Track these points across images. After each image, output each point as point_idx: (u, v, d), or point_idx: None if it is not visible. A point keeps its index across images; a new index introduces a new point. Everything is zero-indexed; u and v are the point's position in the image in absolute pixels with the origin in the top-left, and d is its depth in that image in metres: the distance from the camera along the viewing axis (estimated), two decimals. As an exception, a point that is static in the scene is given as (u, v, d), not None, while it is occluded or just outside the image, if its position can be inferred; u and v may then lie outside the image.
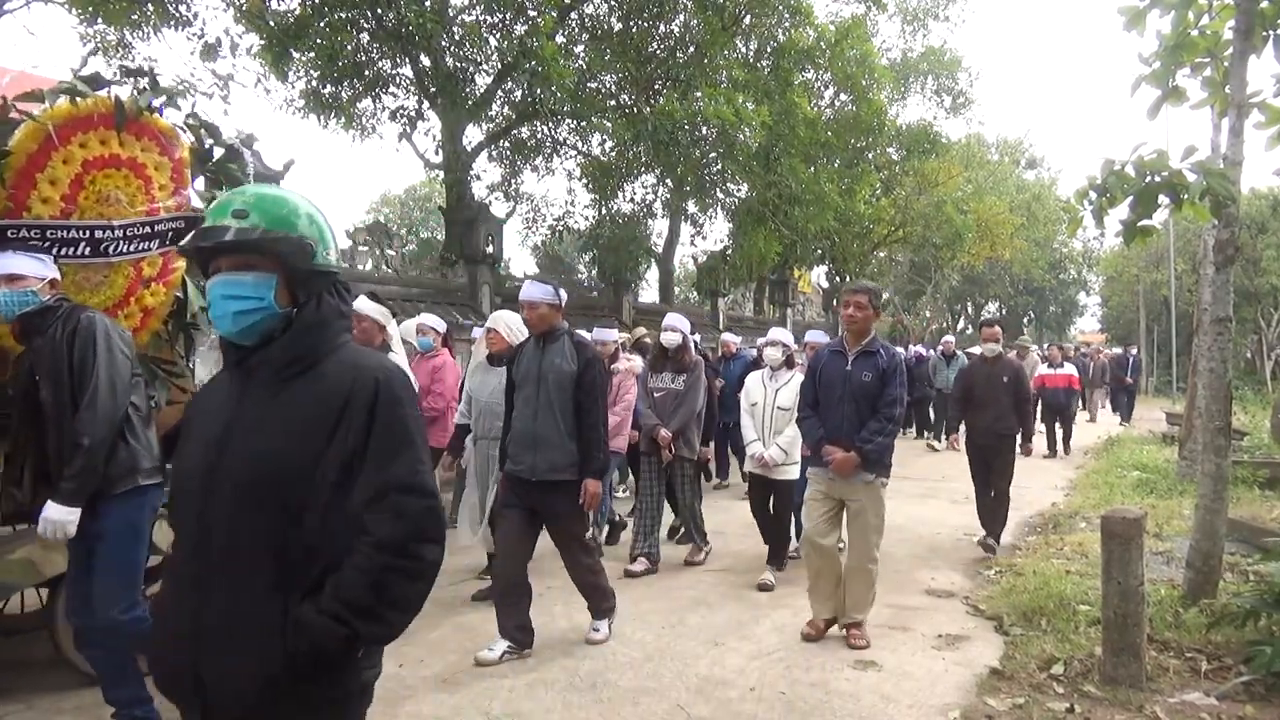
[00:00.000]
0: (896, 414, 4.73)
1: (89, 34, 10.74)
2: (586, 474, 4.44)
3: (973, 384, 7.21)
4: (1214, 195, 4.61)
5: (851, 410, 4.73)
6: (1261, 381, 28.26)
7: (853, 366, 4.78)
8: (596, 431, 4.46)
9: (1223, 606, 4.78)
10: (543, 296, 4.50)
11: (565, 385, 4.44)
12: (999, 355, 7.29)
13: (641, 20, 12.74)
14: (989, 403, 6.99)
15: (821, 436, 4.82)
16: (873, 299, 4.82)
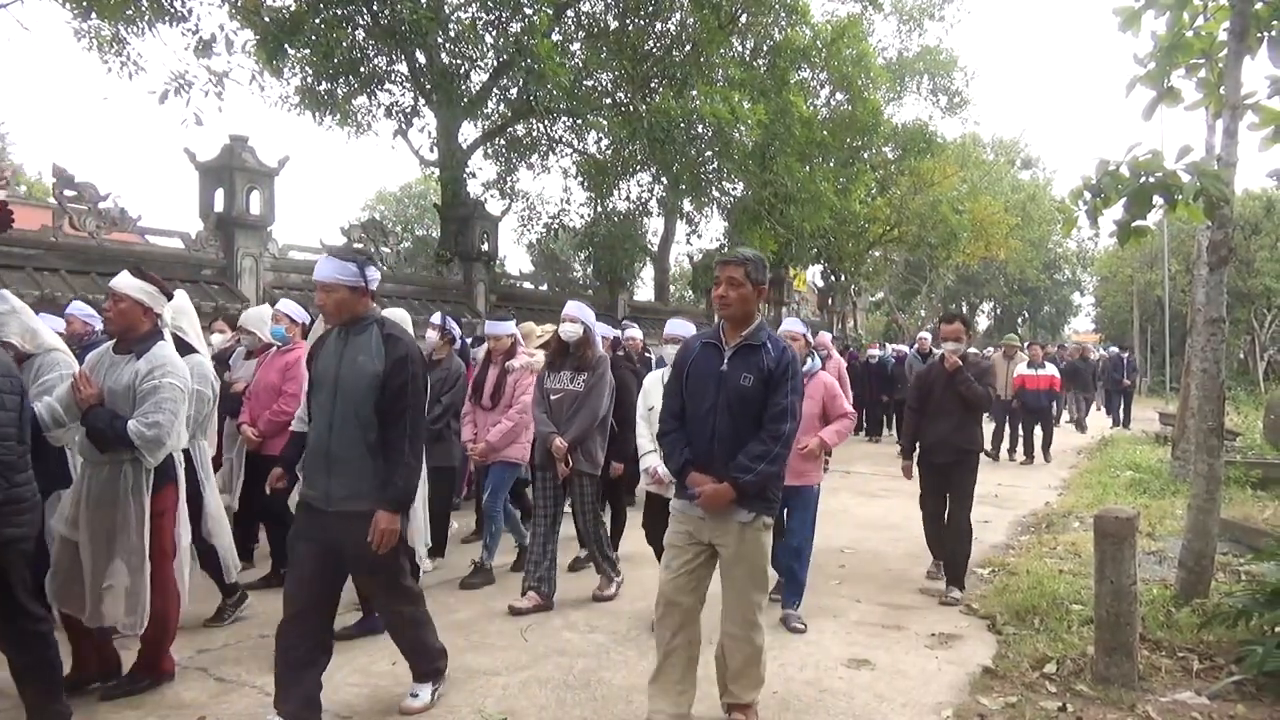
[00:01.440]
0: (785, 431, 3.53)
1: (83, 29, 10.70)
2: (379, 503, 3.46)
3: (929, 390, 5.99)
4: (1208, 196, 4.62)
5: (726, 425, 3.55)
6: (1254, 382, 28.34)
7: (729, 366, 3.58)
8: (400, 450, 3.49)
9: (1215, 606, 4.80)
10: (338, 276, 3.52)
11: (367, 389, 3.47)
12: (961, 357, 6.02)
13: (638, 18, 12.73)
14: (947, 411, 5.84)
15: (686, 461, 3.61)
16: (752, 272, 3.59)
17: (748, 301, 3.61)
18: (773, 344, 3.63)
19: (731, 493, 3.49)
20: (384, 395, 3.48)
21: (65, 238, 7.65)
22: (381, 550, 3.46)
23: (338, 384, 3.51)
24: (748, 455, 3.48)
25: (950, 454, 5.83)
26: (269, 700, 3.90)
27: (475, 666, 4.37)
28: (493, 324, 6.34)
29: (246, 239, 8.77)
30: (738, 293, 3.59)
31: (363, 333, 3.56)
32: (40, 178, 32.09)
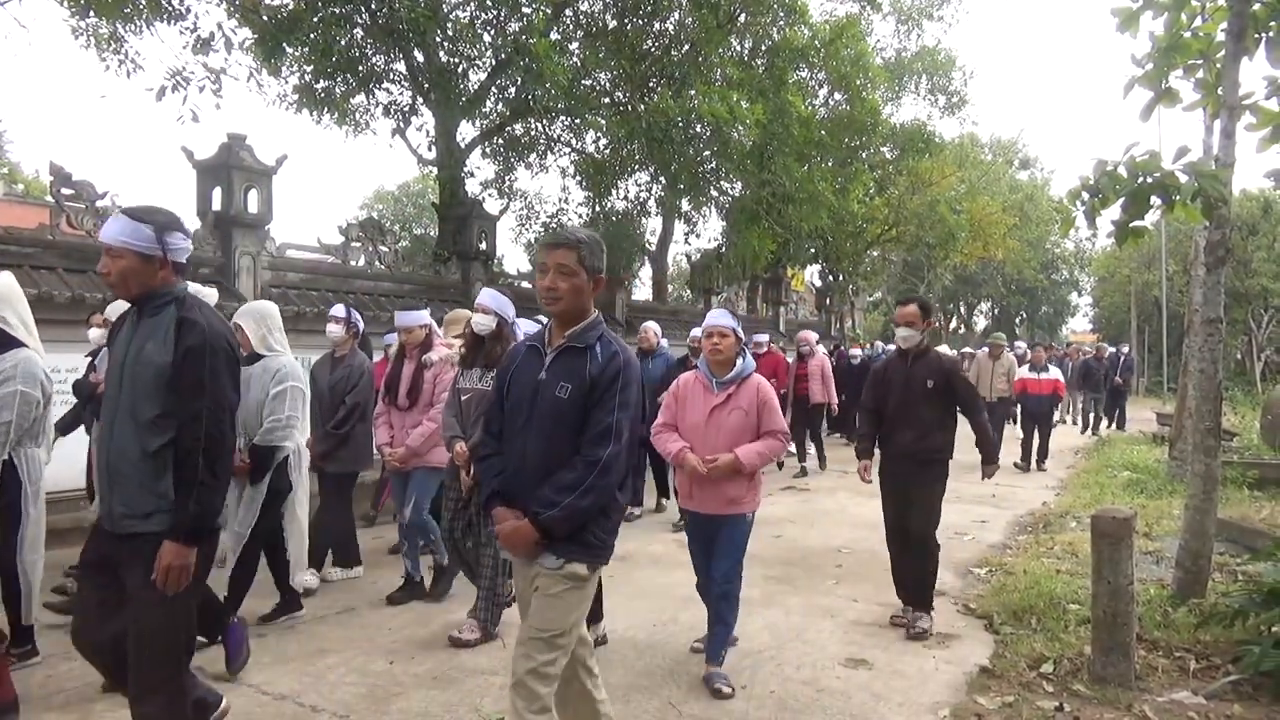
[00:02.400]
0: (605, 457, 2.77)
1: (81, 27, 10.68)
2: (167, 531, 2.74)
3: (886, 389, 5.18)
4: (1205, 197, 4.62)
5: (538, 447, 2.84)
6: (1251, 382, 28.39)
7: (548, 374, 2.87)
8: (192, 465, 2.75)
9: (1211, 606, 4.81)
10: (127, 240, 2.85)
11: (151, 385, 2.79)
12: (922, 348, 5.13)
13: (636, 18, 12.71)
14: (906, 415, 5.03)
15: (493, 492, 2.94)
16: (587, 257, 2.88)
17: (580, 294, 2.88)
18: (603, 347, 2.89)
19: (531, 533, 2.76)
20: (173, 394, 2.78)
21: (62, 236, 7.64)
22: (167, 590, 2.71)
23: (122, 376, 2.84)
24: (554, 486, 2.75)
25: (910, 465, 5.04)
26: (267, 699, 3.90)
27: (472, 666, 4.37)
28: (402, 314, 5.82)
29: (244, 238, 8.75)
30: (569, 283, 2.85)
31: (156, 314, 2.88)
32: (38, 176, 32.07)
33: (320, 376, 5.91)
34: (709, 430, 4.28)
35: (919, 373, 5.05)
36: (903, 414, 5.07)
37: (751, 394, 4.32)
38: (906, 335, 5.07)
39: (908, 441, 5.04)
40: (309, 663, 4.40)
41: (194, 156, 8.83)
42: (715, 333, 4.33)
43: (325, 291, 9.48)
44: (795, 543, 7.33)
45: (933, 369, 5.06)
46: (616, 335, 3.00)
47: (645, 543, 7.08)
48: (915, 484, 5.07)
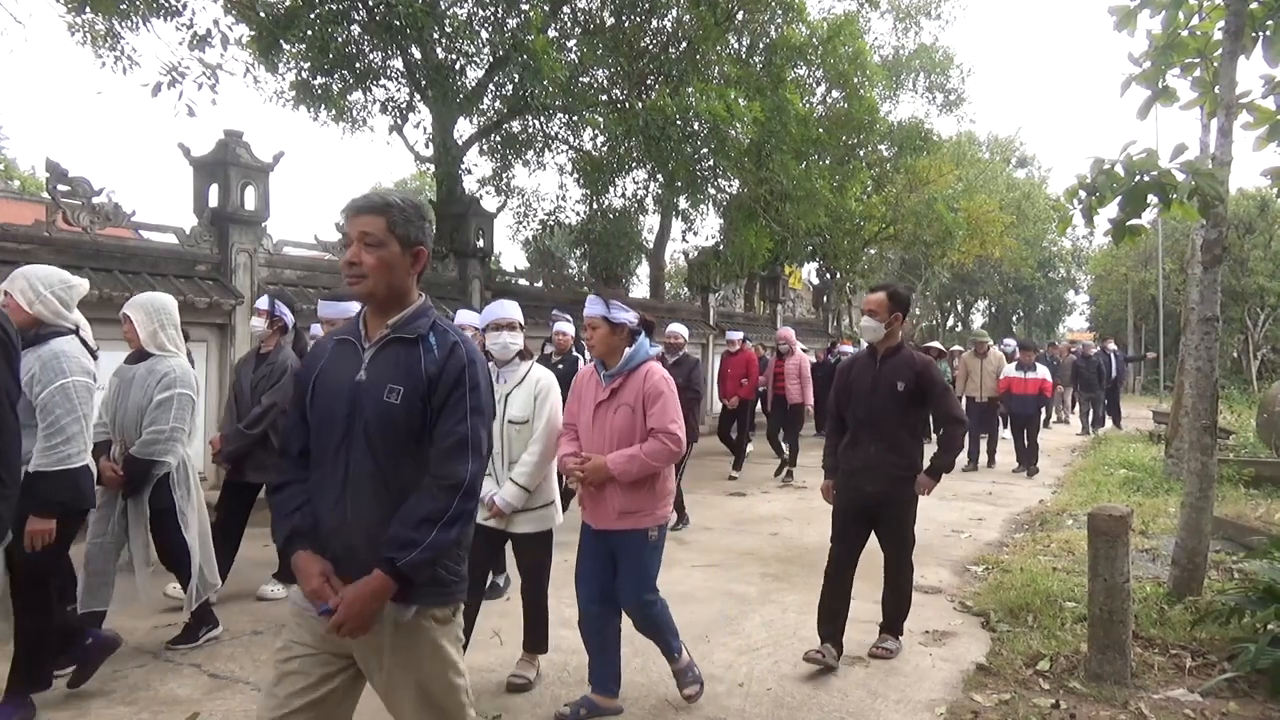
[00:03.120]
0: (465, 477, 2.18)
1: (77, 23, 10.65)
2: None
3: (850, 393, 4.55)
4: (1202, 195, 4.63)
5: (367, 468, 2.21)
6: (1248, 381, 28.44)
7: (368, 374, 2.25)
8: None
9: (1207, 604, 4.82)
10: None
11: None
12: (893, 345, 4.49)
13: (634, 15, 12.70)
14: (874, 423, 4.41)
15: (294, 532, 2.25)
16: (399, 224, 2.24)
17: (392, 270, 2.22)
18: (438, 337, 2.26)
19: (387, 588, 2.09)
20: None
21: (59, 233, 7.61)
22: None
23: None
24: (407, 520, 2.12)
25: (878, 481, 4.39)
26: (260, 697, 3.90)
27: (469, 663, 4.33)
28: (327, 305, 5.22)
29: (241, 235, 8.74)
30: (375, 257, 2.20)
31: None
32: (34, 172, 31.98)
33: (243, 374, 5.36)
34: (594, 430, 3.73)
35: (889, 373, 4.40)
36: (869, 421, 4.43)
37: (638, 386, 3.64)
38: (870, 327, 4.43)
39: (875, 454, 4.39)
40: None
41: (191, 153, 8.81)
42: (587, 324, 3.74)
43: (323, 289, 9.46)
44: (792, 540, 7.34)
45: (905, 369, 4.39)
46: (453, 324, 2.40)
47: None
48: (885, 504, 4.45)
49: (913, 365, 4.42)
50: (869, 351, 4.57)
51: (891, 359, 4.47)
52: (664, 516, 3.75)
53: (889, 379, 4.40)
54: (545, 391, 4.05)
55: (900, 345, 4.53)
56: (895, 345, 4.50)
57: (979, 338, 12.79)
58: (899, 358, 4.47)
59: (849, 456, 4.53)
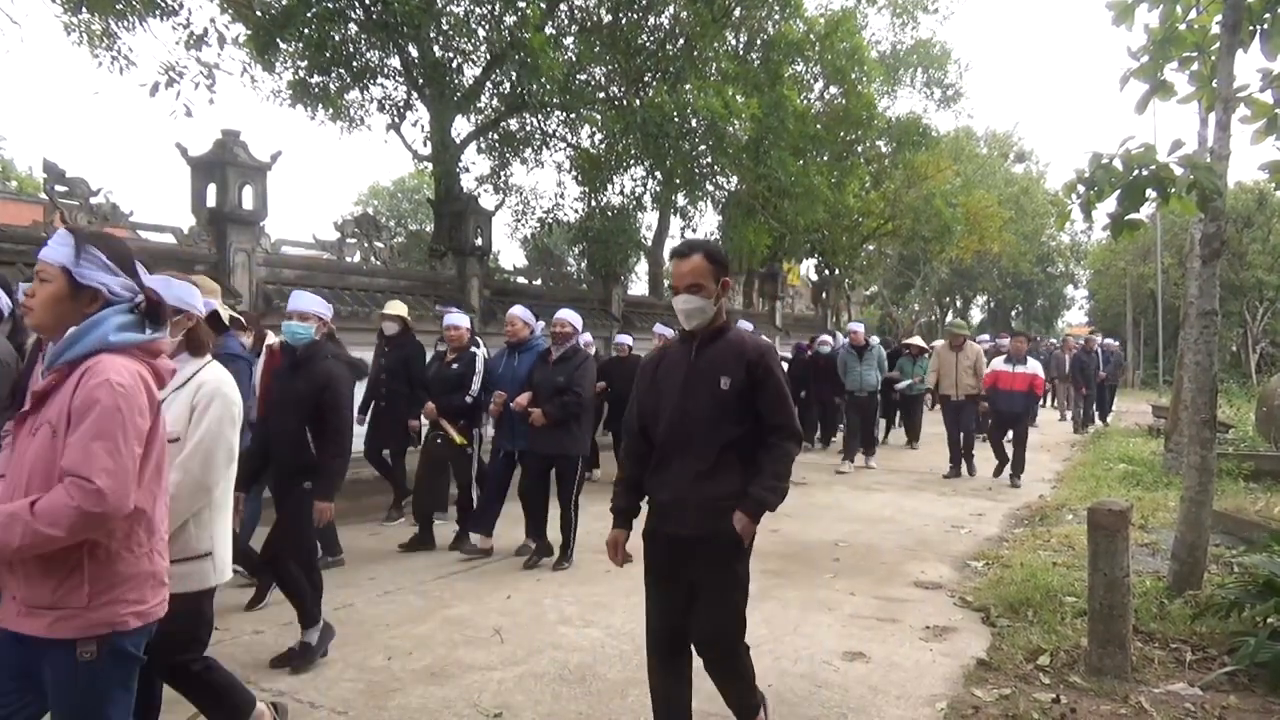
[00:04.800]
0: None
1: (73, 23, 10.64)
2: None
3: (657, 396, 3.23)
4: (1200, 189, 4.63)
5: None
6: (1246, 375, 28.46)
7: None
8: None
9: (1207, 598, 4.83)
10: None
11: None
12: (716, 326, 3.19)
13: (631, 12, 12.68)
14: (685, 437, 3.12)
15: None
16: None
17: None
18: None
19: None
20: None
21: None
22: None
23: None
24: None
25: (696, 521, 3.07)
26: (265, 696, 3.89)
27: (470, 661, 4.37)
28: None
29: (239, 234, 8.73)
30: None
31: None
32: (31, 173, 31.95)
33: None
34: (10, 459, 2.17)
35: (708, 365, 3.11)
36: (681, 434, 3.11)
37: (66, 395, 2.09)
38: (696, 308, 3.08)
39: (687, 482, 3.08)
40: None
41: (188, 153, 8.80)
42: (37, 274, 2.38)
43: (321, 288, 9.46)
44: (793, 537, 7.34)
45: (730, 358, 3.10)
46: None
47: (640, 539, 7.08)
48: (700, 557, 3.08)
49: (742, 352, 3.11)
50: (682, 339, 3.26)
51: (712, 346, 3.14)
52: (114, 621, 2.11)
53: (708, 373, 3.09)
54: (207, 400, 2.99)
55: (726, 326, 3.20)
56: (719, 326, 3.18)
57: (955, 329, 11.55)
58: (723, 343, 3.14)
59: (654, 486, 3.20)
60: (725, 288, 3.18)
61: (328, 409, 4.31)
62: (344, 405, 4.41)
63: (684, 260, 3.12)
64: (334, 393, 4.35)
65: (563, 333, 6.39)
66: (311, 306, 4.59)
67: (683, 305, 3.11)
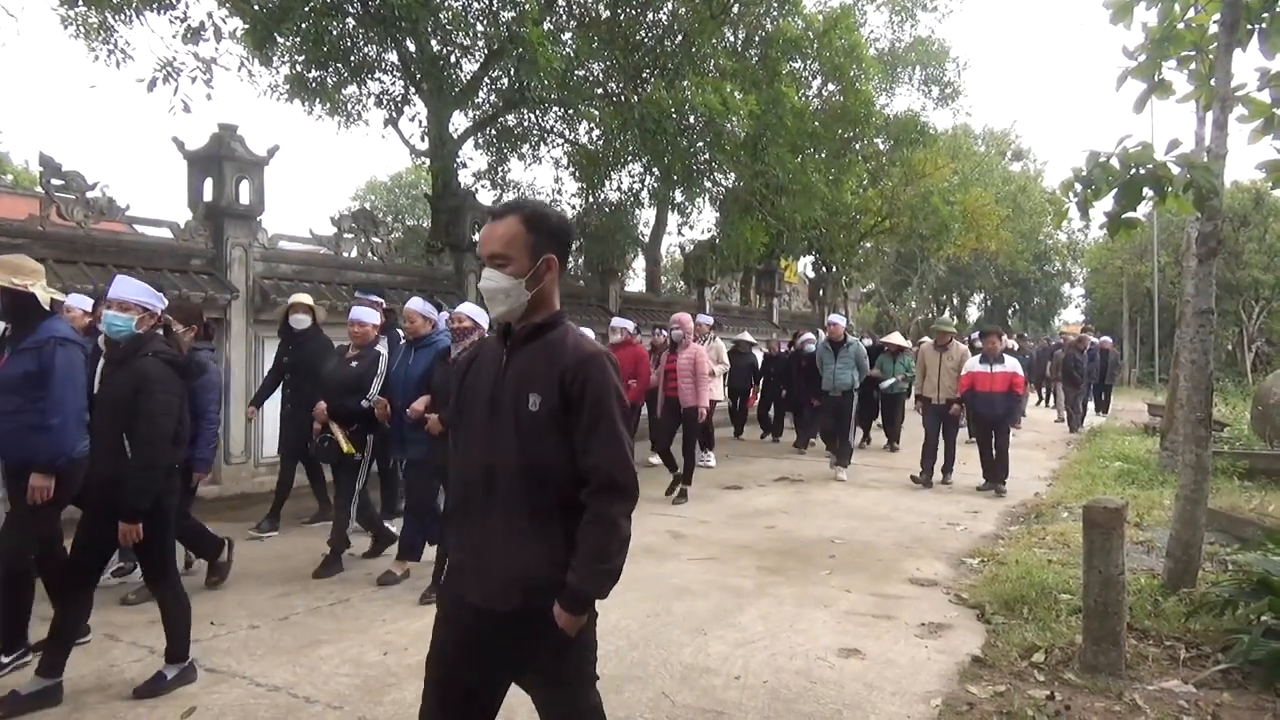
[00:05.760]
0: None
1: (70, 16, 10.60)
2: None
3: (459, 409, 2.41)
4: (1198, 188, 4.64)
5: None
6: (1242, 373, 28.52)
7: None
8: None
9: (1202, 596, 4.85)
10: None
11: None
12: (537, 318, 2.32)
13: (629, 8, 12.67)
14: (488, 473, 2.24)
15: None
16: None
17: None
18: None
19: None
20: None
21: (52, 227, 7.58)
22: None
23: None
24: None
25: (503, 589, 2.23)
26: (260, 690, 3.91)
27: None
28: None
29: (236, 229, 8.72)
30: None
31: None
32: (27, 166, 31.85)
33: None
34: None
35: (517, 376, 2.27)
36: (483, 469, 2.26)
37: None
38: (488, 286, 2.27)
39: (492, 543, 2.24)
40: (303, 654, 4.40)
41: (185, 147, 8.79)
42: None
43: (318, 283, 9.46)
44: (788, 533, 7.35)
45: (544, 366, 2.25)
46: None
47: (638, 534, 7.04)
48: (521, 640, 2.25)
49: (557, 359, 2.24)
50: (498, 335, 2.38)
51: (526, 348, 2.29)
52: None
53: (517, 386, 2.24)
54: None
55: (551, 321, 2.32)
56: (542, 321, 2.31)
57: (942, 327, 10.72)
58: (540, 345, 2.29)
59: (452, 539, 2.40)
60: (549, 268, 2.30)
61: (139, 414, 3.81)
62: (159, 411, 3.86)
63: (494, 223, 2.31)
64: (148, 395, 3.82)
65: (462, 328, 5.59)
66: (133, 295, 3.99)
67: (482, 284, 2.28)
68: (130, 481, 3.78)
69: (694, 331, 10.30)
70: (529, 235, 2.28)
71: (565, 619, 2.20)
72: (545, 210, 2.39)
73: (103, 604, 4.98)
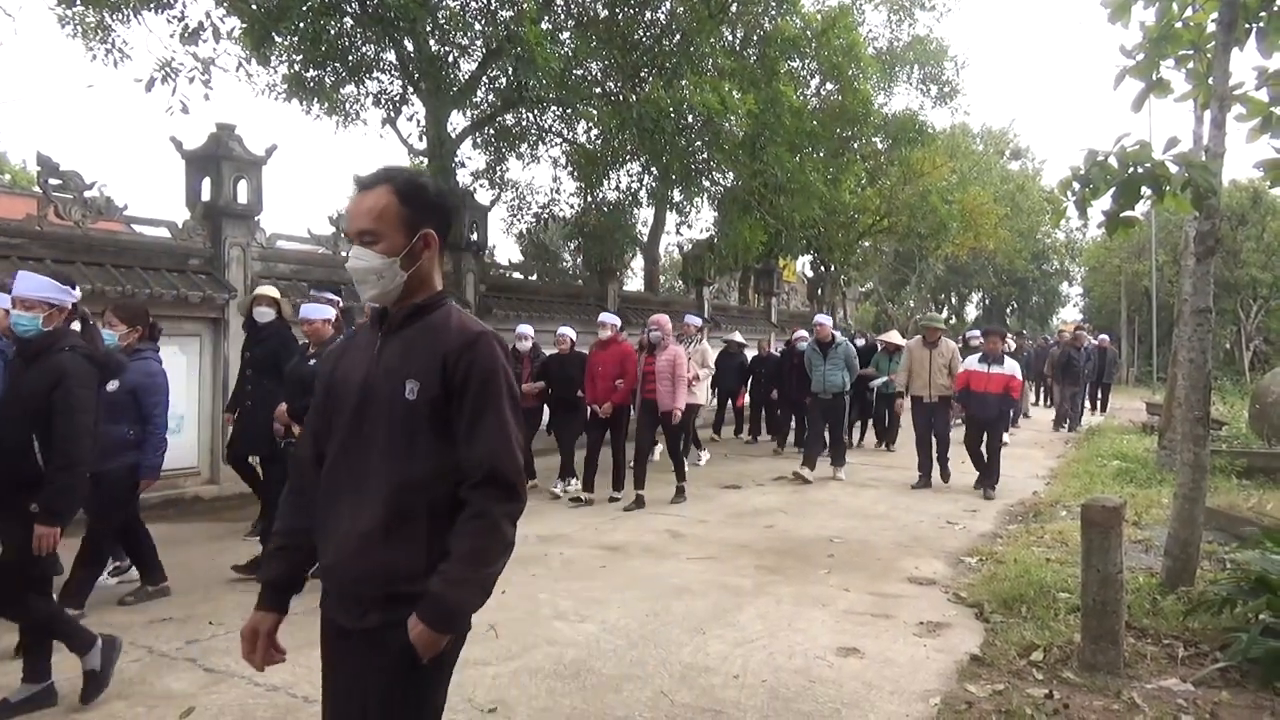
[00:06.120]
0: None
1: (67, 16, 10.59)
2: None
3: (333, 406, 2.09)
4: (1196, 187, 4.64)
5: None
6: (1240, 372, 28.54)
7: None
8: None
9: (1200, 594, 4.85)
10: None
11: None
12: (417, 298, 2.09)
13: (627, 7, 12.67)
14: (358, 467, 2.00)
15: None
16: None
17: None
18: None
19: None
20: None
21: (50, 226, 7.58)
22: None
23: None
24: None
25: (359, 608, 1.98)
26: (259, 690, 3.90)
27: (464, 656, 4.31)
28: None
29: (234, 228, 8.71)
30: None
31: None
32: (24, 166, 31.83)
33: None
34: None
35: (393, 361, 2.04)
36: (352, 465, 2.02)
37: None
38: (355, 265, 2.04)
39: (350, 544, 1.97)
40: (301, 654, 4.36)
41: (183, 147, 8.78)
42: None
43: (316, 282, 9.45)
44: (787, 533, 7.36)
45: (423, 352, 2.02)
46: None
47: (637, 533, 7.09)
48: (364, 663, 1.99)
49: (439, 342, 2.02)
50: (372, 319, 2.16)
51: (404, 332, 2.07)
52: None
53: (393, 373, 2.01)
54: None
55: (433, 302, 2.11)
56: (423, 301, 2.10)
57: (931, 323, 10.34)
58: (421, 327, 2.07)
59: (320, 541, 2.07)
60: (427, 244, 2.08)
61: (56, 411, 3.60)
62: (79, 408, 3.66)
63: (362, 195, 2.06)
64: (65, 391, 3.62)
65: None
66: (35, 291, 3.73)
67: (350, 265, 2.05)
68: (52, 485, 3.57)
69: (685, 333, 10.31)
70: (402, 208, 2.04)
71: (421, 634, 1.86)
72: (420, 180, 2.14)
73: (102, 604, 4.99)
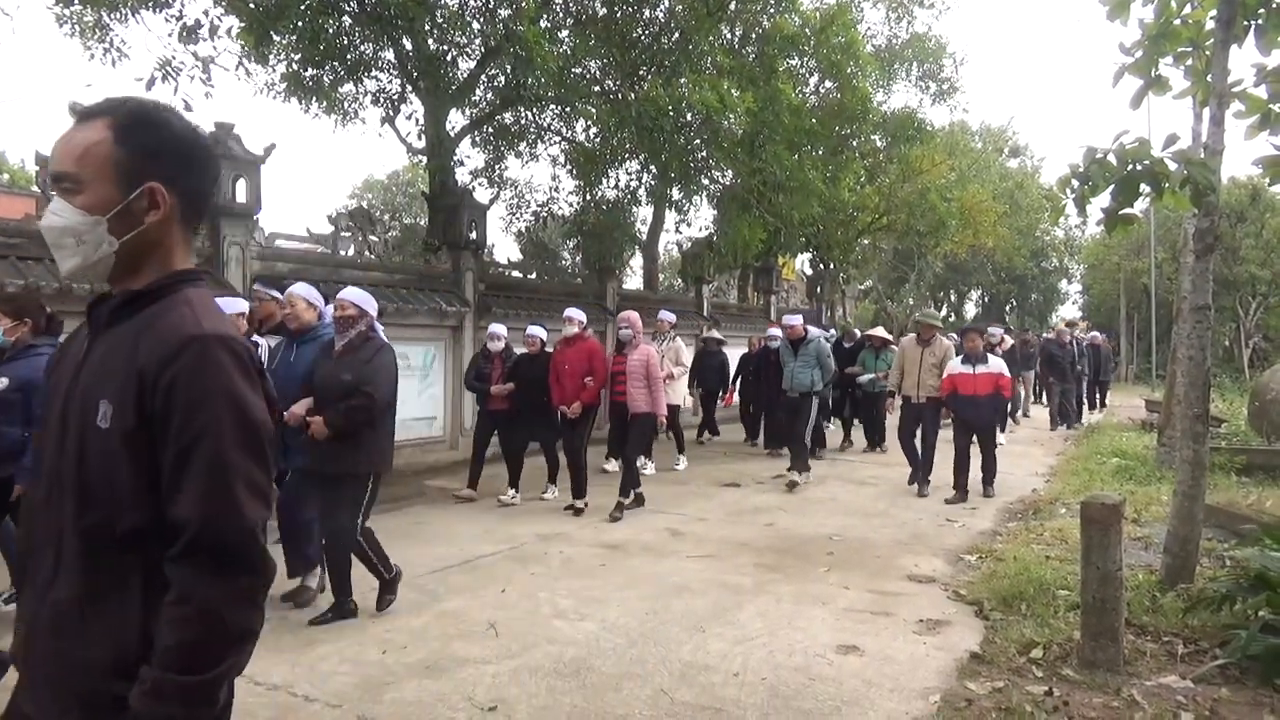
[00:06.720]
0: None
1: (65, 15, 10.58)
2: None
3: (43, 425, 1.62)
4: (1195, 184, 4.64)
5: None
6: (1239, 369, 28.56)
7: None
8: None
9: (1199, 591, 4.86)
10: None
11: None
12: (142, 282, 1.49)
13: (626, 6, 12.66)
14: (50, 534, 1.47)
15: None
16: None
17: None
18: None
19: None
20: None
21: (49, 226, 7.59)
22: None
23: None
24: None
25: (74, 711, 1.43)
26: (259, 689, 3.91)
27: (464, 655, 4.37)
28: None
29: (233, 227, 8.70)
30: None
31: None
32: (23, 165, 31.83)
33: None
34: None
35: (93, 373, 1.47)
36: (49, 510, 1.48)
37: None
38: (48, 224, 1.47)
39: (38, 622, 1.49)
40: (301, 653, 4.40)
41: (182, 146, 8.76)
42: None
43: (315, 282, 9.43)
44: (787, 531, 7.36)
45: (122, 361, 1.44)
46: None
47: (637, 531, 7.09)
48: None
49: (144, 350, 1.42)
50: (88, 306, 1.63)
51: (117, 328, 1.50)
52: None
53: (86, 392, 1.46)
54: None
55: (163, 285, 1.51)
56: (145, 286, 1.51)
57: (926, 319, 9.74)
58: (137, 322, 1.48)
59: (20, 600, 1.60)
60: (155, 203, 1.48)
61: None
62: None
63: (71, 130, 1.49)
64: None
65: (345, 316, 4.88)
66: None
67: (42, 223, 1.49)
68: None
69: (657, 329, 10.16)
70: (116, 149, 1.45)
71: None
72: (155, 115, 1.51)
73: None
